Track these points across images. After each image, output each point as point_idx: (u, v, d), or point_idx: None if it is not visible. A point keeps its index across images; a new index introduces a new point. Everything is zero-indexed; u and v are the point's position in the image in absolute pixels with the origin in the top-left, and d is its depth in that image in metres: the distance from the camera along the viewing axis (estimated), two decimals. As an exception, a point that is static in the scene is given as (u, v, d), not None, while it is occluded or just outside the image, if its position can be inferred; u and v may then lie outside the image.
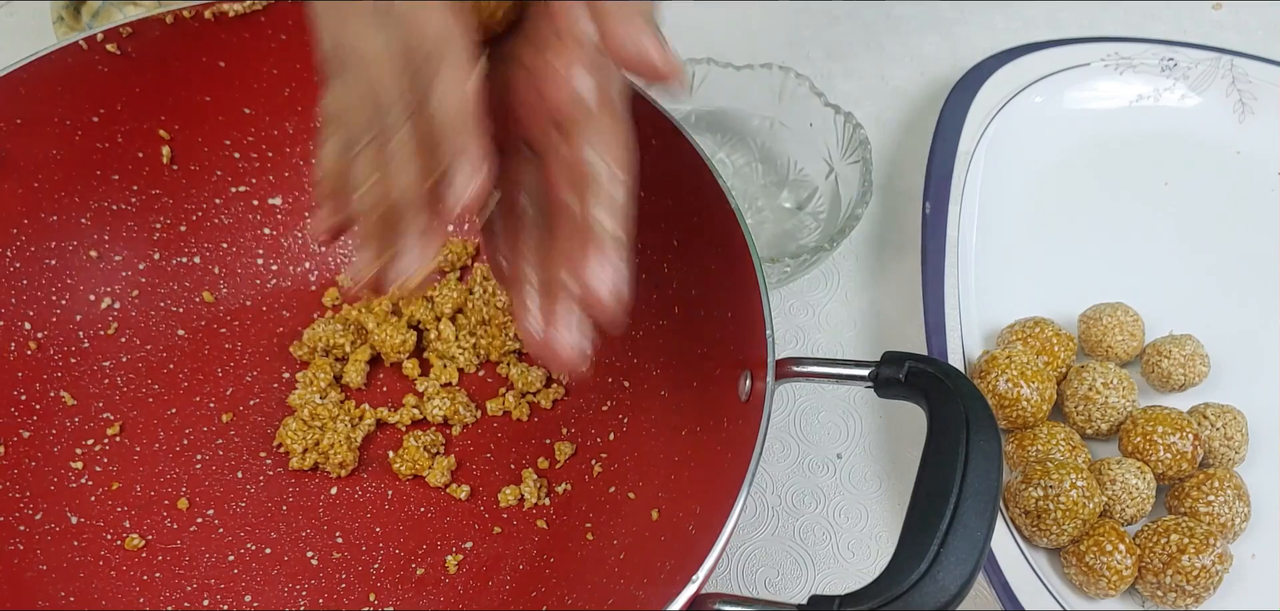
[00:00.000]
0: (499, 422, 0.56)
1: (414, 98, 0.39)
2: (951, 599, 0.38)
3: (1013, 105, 0.70)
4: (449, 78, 0.38)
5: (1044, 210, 0.68)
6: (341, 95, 0.41)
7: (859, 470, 0.57)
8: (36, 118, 0.53)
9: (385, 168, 0.40)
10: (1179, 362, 0.58)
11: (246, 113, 0.57)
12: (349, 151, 0.41)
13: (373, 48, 0.39)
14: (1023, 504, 0.52)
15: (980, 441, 0.41)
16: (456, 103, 0.38)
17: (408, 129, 0.39)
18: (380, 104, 0.39)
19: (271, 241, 0.60)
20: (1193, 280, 0.65)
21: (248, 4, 0.55)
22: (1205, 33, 0.79)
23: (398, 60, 0.39)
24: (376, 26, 0.39)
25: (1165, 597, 0.51)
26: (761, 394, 0.44)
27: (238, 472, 0.54)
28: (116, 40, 0.53)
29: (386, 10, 0.38)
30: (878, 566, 0.41)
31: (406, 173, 0.39)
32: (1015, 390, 0.55)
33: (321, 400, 0.55)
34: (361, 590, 0.50)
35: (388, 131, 0.39)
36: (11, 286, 0.54)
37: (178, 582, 0.50)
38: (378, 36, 0.39)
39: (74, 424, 0.54)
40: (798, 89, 0.67)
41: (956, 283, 0.60)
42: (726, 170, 0.68)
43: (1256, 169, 0.71)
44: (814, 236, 0.65)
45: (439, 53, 0.38)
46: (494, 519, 0.53)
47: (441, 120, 0.38)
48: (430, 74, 0.38)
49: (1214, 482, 0.54)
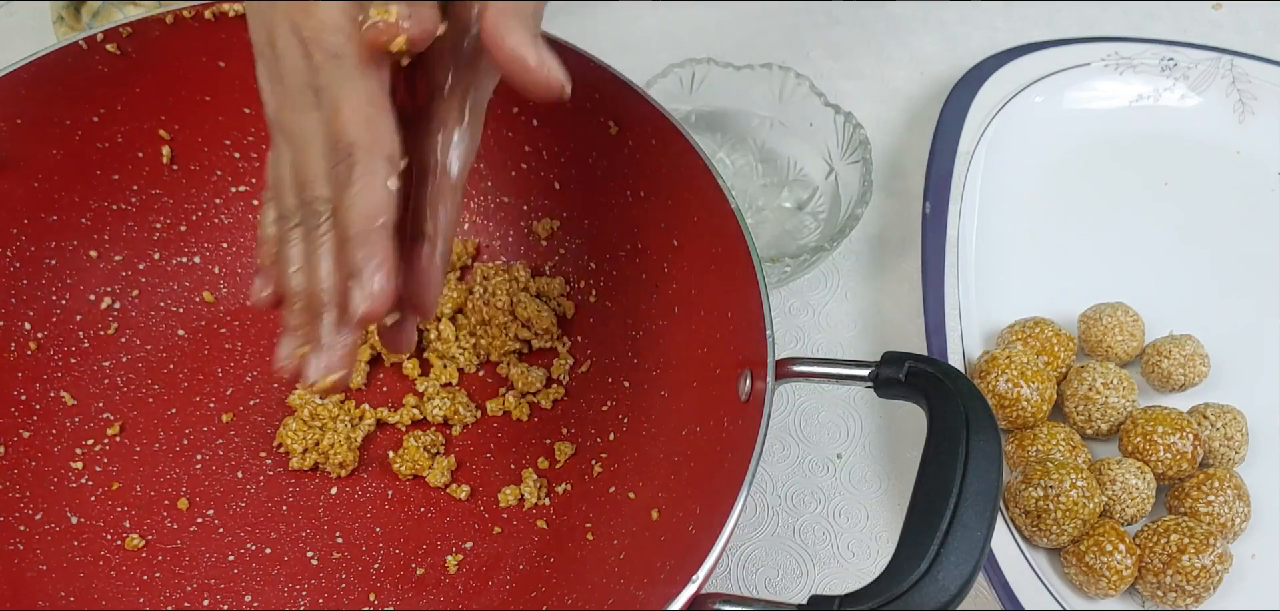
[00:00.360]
0: (499, 422, 0.56)
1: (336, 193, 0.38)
2: (951, 599, 0.38)
3: (1013, 105, 0.70)
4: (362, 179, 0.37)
5: (1044, 210, 0.68)
6: (279, 165, 0.41)
7: (859, 470, 0.57)
8: (36, 118, 0.53)
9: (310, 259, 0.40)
10: (1179, 362, 0.58)
11: (246, 113, 0.57)
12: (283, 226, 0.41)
13: (307, 130, 0.39)
14: (1023, 504, 0.52)
15: (980, 441, 0.41)
16: (367, 207, 0.38)
17: (327, 225, 0.39)
18: (309, 191, 0.39)
19: (271, 241, 0.59)
20: (1193, 280, 0.65)
21: (248, 4, 0.55)
22: (1205, 33, 0.79)
23: (326, 148, 0.38)
24: (310, 106, 0.38)
25: (1165, 597, 0.51)
26: (761, 394, 0.44)
27: (238, 472, 0.54)
28: (116, 40, 0.53)
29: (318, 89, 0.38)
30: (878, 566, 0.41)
31: (324, 269, 0.40)
32: (1015, 390, 0.55)
33: (321, 400, 0.55)
34: (361, 590, 0.50)
35: (312, 221, 0.39)
36: (11, 286, 0.54)
37: (178, 582, 0.50)
38: (310, 118, 0.38)
39: (74, 424, 0.54)
40: (798, 89, 0.67)
41: (956, 283, 0.60)
42: (726, 170, 0.68)
43: (1256, 169, 0.71)
44: (814, 236, 0.65)
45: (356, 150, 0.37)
46: (494, 519, 0.53)
47: (349, 224, 0.38)
48: (346, 173, 0.38)
49: (1214, 482, 0.54)
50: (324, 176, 0.39)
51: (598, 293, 0.59)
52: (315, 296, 0.40)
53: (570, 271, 0.60)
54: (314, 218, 0.39)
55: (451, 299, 0.58)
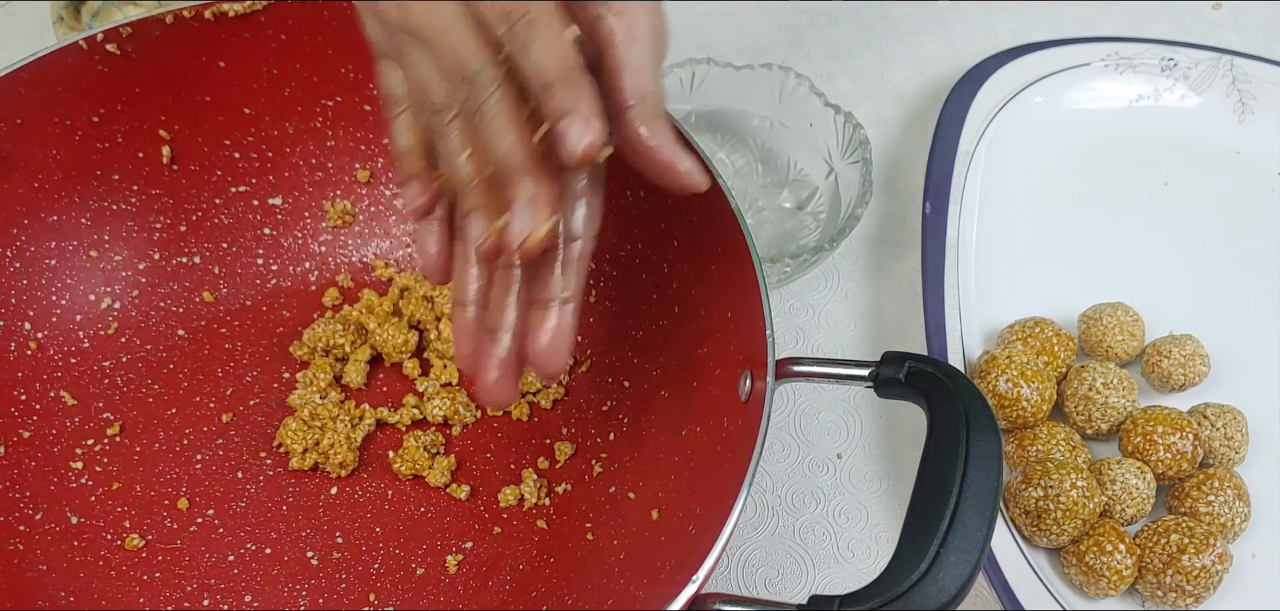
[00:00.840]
0: (499, 422, 0.56)
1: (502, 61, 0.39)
2: (951, 599, 0.38)
3: (1013, 105, 0.70)
4: (546, 32, 0.38)
5: (1044, 210, 0.68)
6: (412, 72, 0.41)
7: (859, 470, 0.57)
8: (36, 118, 0.53)
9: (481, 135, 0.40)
10: (1179, 362, 0.58)
11: (246, 113, 0.57)
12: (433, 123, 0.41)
13: (444, 19, 0.39)
14: (1023, 504, 0.52)
15: (980, 441, 0.41)
16: (558, 53, 0.38)
17: (500, 93, 0.39)
18: (464, 73, 0.39)
19: (271, 241, 0.60)
20: (1193, 280, 0.65)
21: (248, 4, 0.55)
22: (1205, 33, 0.79)
23: (474, 28, 0.38)
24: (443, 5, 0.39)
25: (1165, 597, 0.51)
26: (761, 394, 0.44)
27: (238, 472, 0.54)
28: (116, 40, 0.53)
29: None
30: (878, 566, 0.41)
31: (507, 135, 0.39)
32: (1015, 390, 0.55)
33: (321, 400, 0.55)
34: (361, 590, 0.50)
35: (476, 98, 0.39)
36: (11, 286, 0.54)
37: (178, 582, 0.50)
38: (449, 8, 0.39)
39: (74, 424, 0.54)
40: (798, 89, 0.67)
41: (956, 282, 0.60)
42: (726, 170, 0.68)
43: (1256, 169, 0.71)
44: (814, 236, 0.65)
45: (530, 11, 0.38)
46: (494, 519, 0.53)
47: (546, 72, 0.38)
48: (526, 33, 0.38)
49: (1214, 482, 0.54)
50: (479, 52, 0.39)
51: (598, 293, 0.59)
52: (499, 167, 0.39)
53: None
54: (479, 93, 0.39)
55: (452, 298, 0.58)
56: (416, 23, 0.40)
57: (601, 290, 0.58)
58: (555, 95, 0.38)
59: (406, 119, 0.42)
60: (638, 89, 0.40)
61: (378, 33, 0.42)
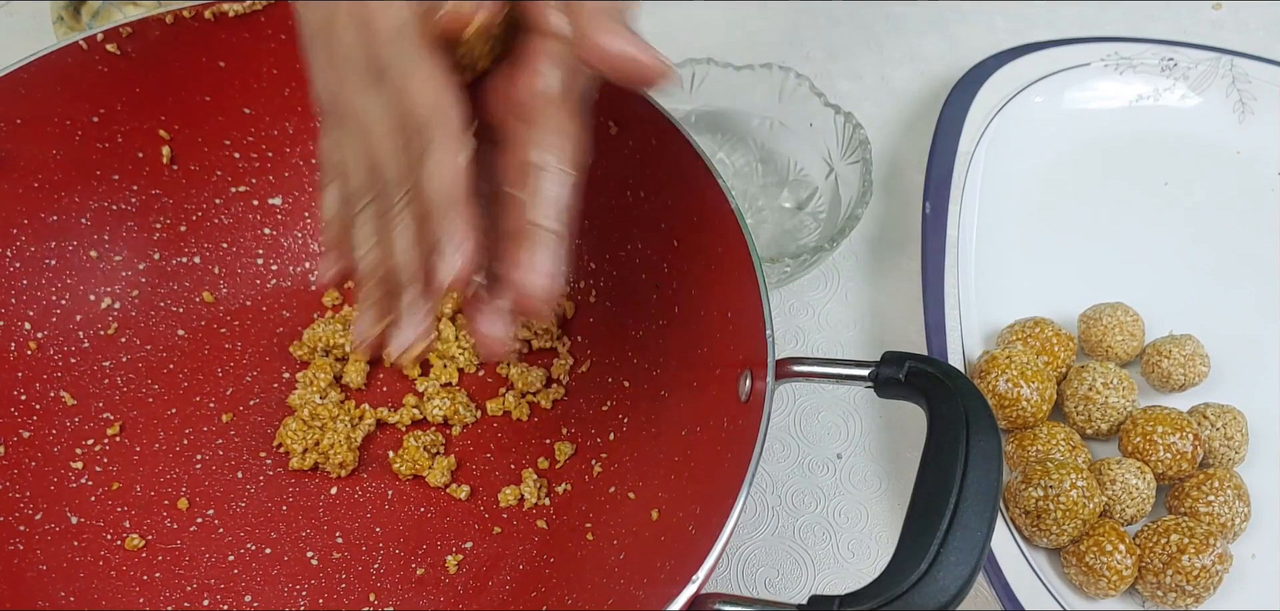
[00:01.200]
0: (499, 422, 0.56)
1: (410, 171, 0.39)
2: (951, 599, 0.38)
3: (1013, 105, 0.70)
4: (438, 155, 0.38)
5: (1044, 210, 0.68)
6: (340, 147, 0.41)
7: (859, 470, 0.57)
8: (36, 118, 0.53)
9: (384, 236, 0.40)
10: (1179, 362, 0.58)
11: (246, 113, 0.57)
12: (350, 206, 0.41)
13: (370, 112, 0.39)
14: (1023, 504, 0.52)
15: (980, 441, 0.41)
16: (445, 182, 0.38)
17: (404, 203, 0.39)
18: (378, 171, 0.39)
19: (271, 241, 0.60)
20: (1193, 280, 0.65)
21: (248, 4, 0.55)
22: (1205, 33, 0.79)
23: (394, 128, 0.39)
24: (373, 89, 0.38)
25: (1165, 597, 0.51)
26: (761, 394, 0.44)
27: (238, 472, 0.54)
28: (116, 40, 0.53)
29: (380, 72, 0.38)
30: (878, 566, 0.41)
31: (403, 245, 0.40)
32: (1015, 390, 0.55)
33: (321, 400, 0.55)
34: (361, 590, 0.50)
35: (386, 200, 0.40)
36: (11, 286, 0.54)
37: (178, 582, 0.50)
38: (375, 101, 0.39)
39: (74, 424, 0.54)
40: (798, 89, 0.67)
41: (956, 283, 0.60)
42: (726, 170, 0.68)
43: (1256, 169, 0.71)
44: (814, 236, 0.65)
45: (430, 127, 0.38)
46: (494, 519, 0.53)
47: (430, 197, 0.38)
48: (421, 149, 0.38)
49: (1214, 482, 0.54)
50: (394, 156, 0.39)
51: (598, 293, 0.59)
52: (394, 273, 0.41)
53: (570, 271, 0.60)
54: (387, 198, 0.40)
55: (451, 299, 0.58)
56: (345, 106, 0.40)
57: (601, 290, 0.58)
58: (432, 221, 0.38)
59: (335, 191, 0.43)
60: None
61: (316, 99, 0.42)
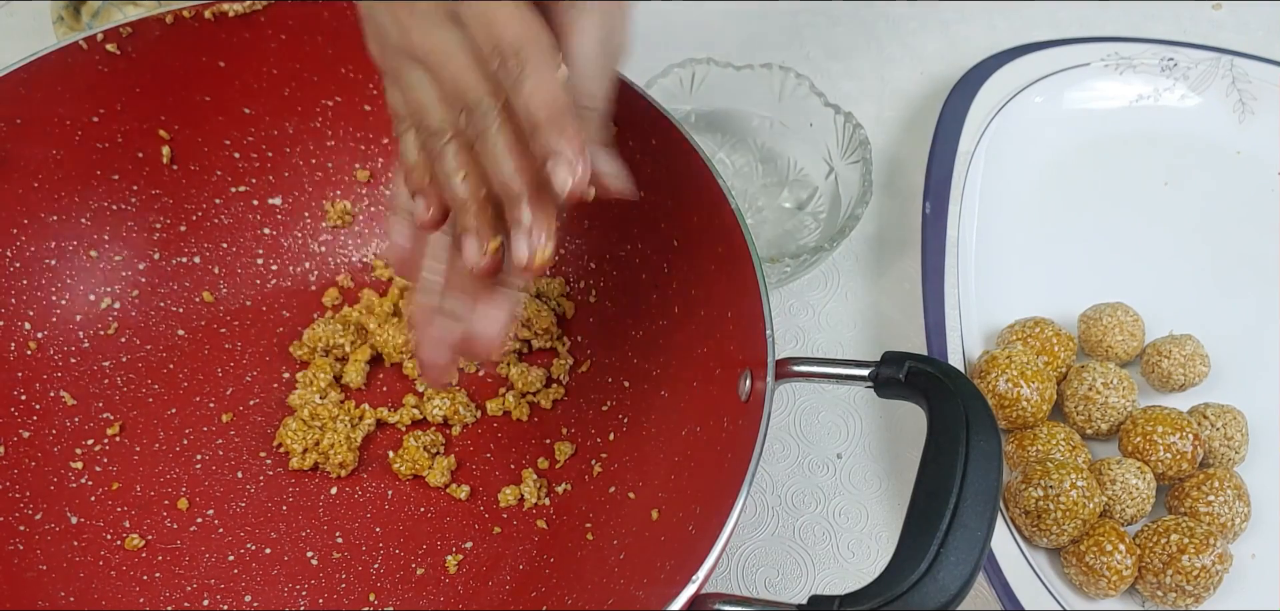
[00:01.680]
0: (499, 422, 0.56)
1: (501, 93, 0.39)
2: (951, 599, 0.38)
3: (1013, 105, 0.70)
4: (539, 73, 0.38)
5: (1044, 210, 0.68)
6: (413, 89, 0.41)
7: (859, 470, 0.57)
8: (36, 118, 0.53)
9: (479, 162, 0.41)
10: (1179, 362, 0.58)
11: (246, 113, 0.57)
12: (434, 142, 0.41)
13: (446, 47, 0.39)
14: (1023, 504, 0.52)
15: (980, 441, 0.41)
16: (549, 95, 0.38)
17: (500, 123, 0.40)
18: (464, 101, 0.40)
19: (271, 241, 0.60)
20: (1193, 280, 0.65)
21: (248, 4, 0.55)
22: (1205, 33, 0.79)
23: (474, 58, 0.39)
24: (447, 25, 0.39)
25: (1165, 597, 0.51)
26: (761, 394, 0.44)
27: (238, 472, 0.54)
28: (116, 40, 0.53)
29: (455, 11, 0.39)
30: (878, 566, 0.41)
31: (504, 166, 0.40)
32: (1015, 390, 0.55)
33: (321, 400, 0.55)
34: (361, 590, 0.50)
35: (477, 126, 0.40)
36: (11, 286, 0.54)
37: (178, 582, 0.50)
38: (450, 35, 0.39)
39: (74, 424, 0.54)
40: (798, 89, 0.67)
41: (956, 283, 0.60)
42: (726, 170, 0.68)
43: (1256, 169, 0.71)
44: (814, 236, 0.65)
45: (524, 50, 0.38)
46: (494, 519, 0.53)
47: (536, 113, 0.39)
48: (517, 70, 0.38)
49: (1214, 482, 0.54)
50: (480, 83, 0.39)
51: (598, 293, 0.59)
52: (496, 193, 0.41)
53: (570, 271, 0.60)
54: (477, 124, 0.40)
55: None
56: (418, 46, 0.40)
57: (601, 290, 0.58)
58: (541, 135, 0.39)
59: (412, 137, 0.43)
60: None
61: (378, 52, 0.42)
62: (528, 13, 0.39)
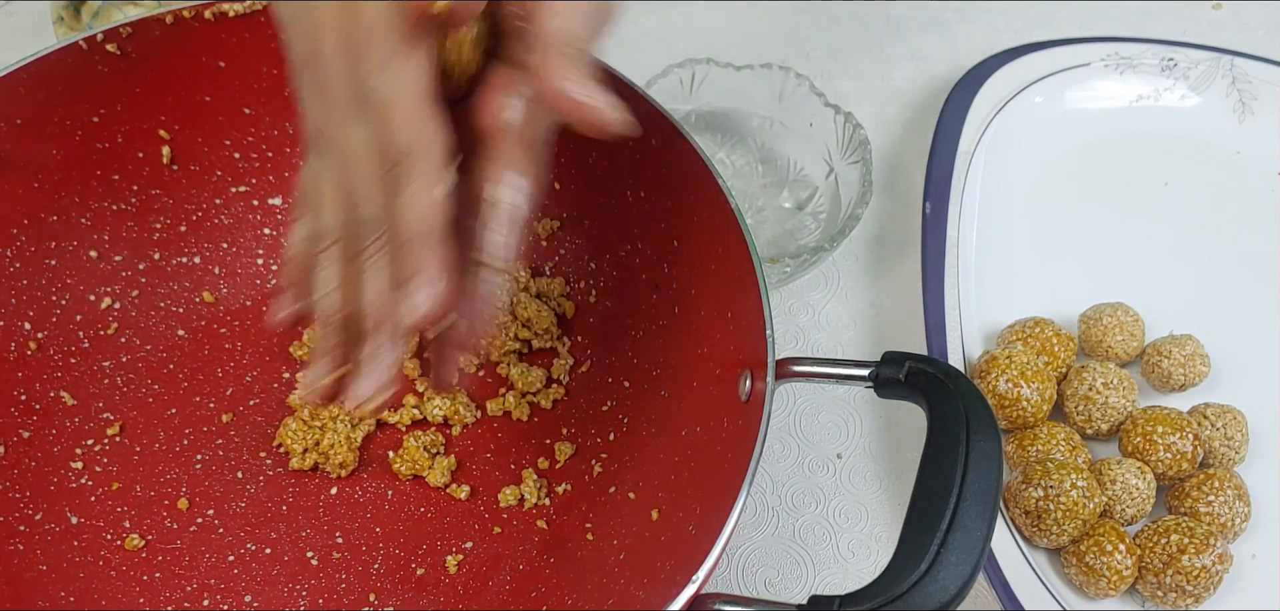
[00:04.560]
0: (499, 423, 0.56)
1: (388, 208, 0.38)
2: (951, 599, 0.38)
3: (1013, 105, 0.70)
4: (416, 185, 0.37)
5: (1044, 210, 0.68)
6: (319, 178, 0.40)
7: (859, 470, 0.57)
8: (36, 118, 0.53)
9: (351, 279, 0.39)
10: (1179, 362, 0.58)
11: (246, 113, 0.57)
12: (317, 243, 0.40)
13: (355, 144, 0.38)
14: (1023, 504, 0.52)
15: (980, 441, 0.41)
16: (422, 210, 0.37)
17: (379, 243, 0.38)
18: (354, 207, 0.38)
19: (271, 241, 0.59)
20: (1193, 280, 0.65)
21: (248, 4, 0.55)
22: (1205, 33, 0.79)
23: (376, 160, 0.37)
24: (357, 118, 0.37)
25: (1165, 597, 0.51)
26: (761, 394, 0.44)
27: (238, 472, 0.54)
28: (116, 40, 0.53)
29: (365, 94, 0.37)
30: (878, 566, 0.41)
31: (373, 289, 0.39)
32: (1015, 390, 0.55)
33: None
34: (361, 590, 0.50)
35: (361, 236, 0.39)
36: (11, 286, 0.54)
37: (178, 582, 0.50)
38: (359, 130, 0.38)
39: (74, 424, 0.54)
40: (798, 89, 0.67)
41: (956, 282, 0.60)
42: (726, 170, 0.68)
43: (1256, 169, 0.71)
44: (814, 236, 0.65)
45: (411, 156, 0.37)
46: (494, 519, 0.53)
47: (404, 229, 0.37)
48: (402, 177, 0.37)
49: (1214, 482, 0.54)
50: (374, 191, 0.38)
51: (598, 293, 0.59)
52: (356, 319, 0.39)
53: (570, 271, 0.60)
54: (363, 235, 0.39)
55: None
56: (333, 136, 0.39)
57: (601, 290, 0.58)
58: (406, 252, 0.38)
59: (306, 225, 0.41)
60: (553, 35, 0.38)
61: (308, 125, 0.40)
62: (424, 113, 0.37)
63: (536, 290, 0.59)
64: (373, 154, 0.38)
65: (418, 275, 0.38)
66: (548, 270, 0.60)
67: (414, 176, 0.37)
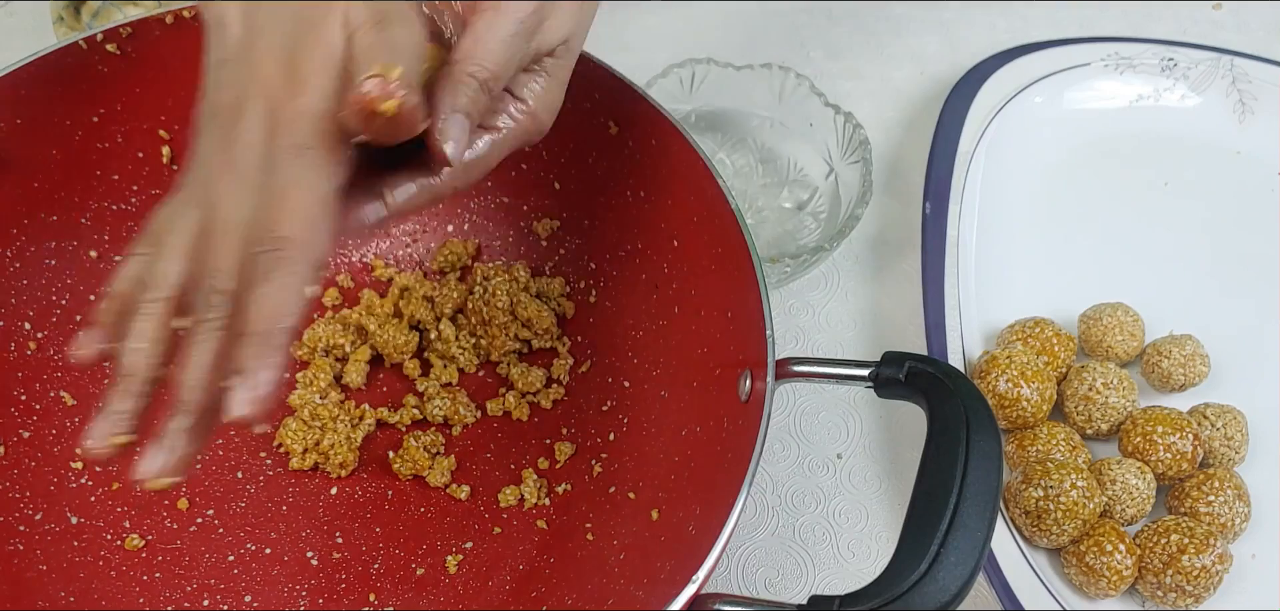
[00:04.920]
0: (499, 423, 0.56)
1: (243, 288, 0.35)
2: (951, 599, 0.38)
3: (1013, 105, 0.70)
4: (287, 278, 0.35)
5: (1044, 210, 0.68)
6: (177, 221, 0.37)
7: (859, 470, 0.57)
8: (36, 118, 0.53)
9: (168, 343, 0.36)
10: (1179, 362, 0.58)
11: (246, 113, 0.57)
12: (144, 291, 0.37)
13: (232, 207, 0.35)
14: (1023, 504, 0.52)
15: (980, 441, 0.41)
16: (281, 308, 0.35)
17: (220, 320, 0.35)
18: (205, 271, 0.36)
19: (271, 241, 0.59)
20: (1193, 280, 0.65)
21: (248, 4, 0.55)
22: (1205, 33, 0.78)
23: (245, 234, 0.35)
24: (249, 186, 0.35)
25: (1165, 597, 0.51)
26: (761, 394, 0.44)
27: (238, 472, 0.54)
28: (116, 40, 0.53)
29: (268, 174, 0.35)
30: (878, 566, 0.41)
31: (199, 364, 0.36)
32: (1015, 390, 0.55)
33: (321, 400, 0.55)
34: (361, 590, 0.50)
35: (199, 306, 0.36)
36: (11, 286, 0.54)
37: (178, 582, 0.50)
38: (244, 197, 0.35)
39: (74, 424, 0.54)
40: (798, 89, 0.67)
41: (956, 282, 0.60)
42: (726, 170, 0.68)
43: (1256, 169, 0.71)
44: (814, 236, 0.65)
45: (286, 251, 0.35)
46: (494, 519, 0.53)
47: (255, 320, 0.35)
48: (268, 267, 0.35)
49: (1214, 482, 0.54)
50: (233, 266, 0.35)
51: (598, 293, 0.59)
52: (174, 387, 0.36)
53: (570, 271, 0.60)
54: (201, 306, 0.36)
55: (452, 299, 0.58)
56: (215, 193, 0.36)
57: (601, 290, 0.58)
58: (245, 346, 0.35)
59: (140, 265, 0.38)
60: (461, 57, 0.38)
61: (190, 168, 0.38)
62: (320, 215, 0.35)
63: (536, 290, 0.59)
64: (245, 228, 0.35)
65: (248, 374, 0.34)
66: (548, 270, 0.60)
67: (281, 270, 0.35)
